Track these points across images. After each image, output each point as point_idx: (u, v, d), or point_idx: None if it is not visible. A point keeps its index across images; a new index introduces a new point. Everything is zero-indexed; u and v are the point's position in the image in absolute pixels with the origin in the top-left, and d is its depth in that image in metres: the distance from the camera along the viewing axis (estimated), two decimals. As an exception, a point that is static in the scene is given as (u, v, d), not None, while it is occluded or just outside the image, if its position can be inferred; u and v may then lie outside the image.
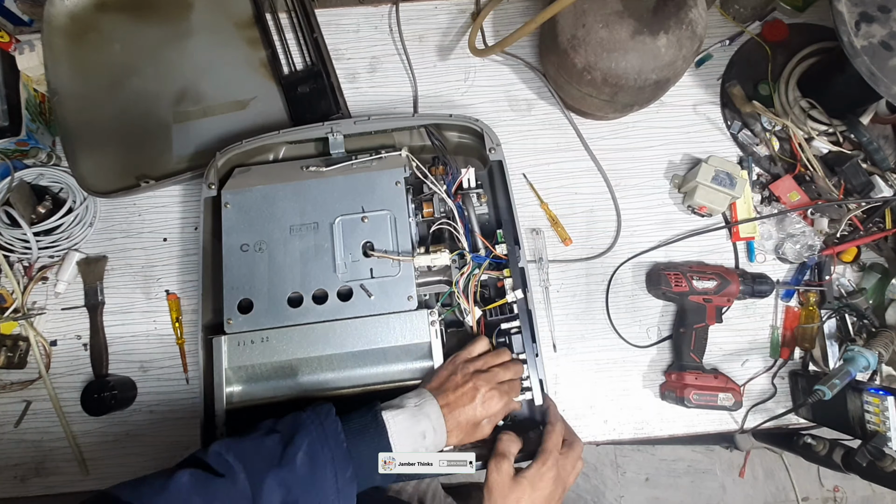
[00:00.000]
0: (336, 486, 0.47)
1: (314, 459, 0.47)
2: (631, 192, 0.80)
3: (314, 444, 0.48)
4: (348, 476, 0.48)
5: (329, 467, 0.47)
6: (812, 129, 0.77)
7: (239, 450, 0.47)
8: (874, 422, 0.64)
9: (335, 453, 0.48)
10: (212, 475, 0.45)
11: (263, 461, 0.46)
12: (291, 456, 0.47)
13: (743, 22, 0.85)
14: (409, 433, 0.51)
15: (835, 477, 1.50)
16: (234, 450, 0.47)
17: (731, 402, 0.70)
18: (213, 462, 0.46)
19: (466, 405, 0.54)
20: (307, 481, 0.46)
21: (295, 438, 0.48)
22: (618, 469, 1.54)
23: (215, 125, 0.79)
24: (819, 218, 0.76)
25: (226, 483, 0.44)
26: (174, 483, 0.43)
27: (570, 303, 0.77)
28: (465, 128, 0.72)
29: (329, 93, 0.79)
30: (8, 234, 0.74)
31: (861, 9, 0.64)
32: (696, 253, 0.79)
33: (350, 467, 0.48)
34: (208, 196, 0.68)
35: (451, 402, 0.54)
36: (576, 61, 0.69)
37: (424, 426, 0.52)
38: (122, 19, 0.82)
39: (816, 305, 0.75)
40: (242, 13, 0.83)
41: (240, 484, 0.45)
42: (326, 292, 0.62)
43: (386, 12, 0.87)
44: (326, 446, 0.48)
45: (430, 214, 0.67)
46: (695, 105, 0.83)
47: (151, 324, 0.76)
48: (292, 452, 0.47)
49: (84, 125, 0.78)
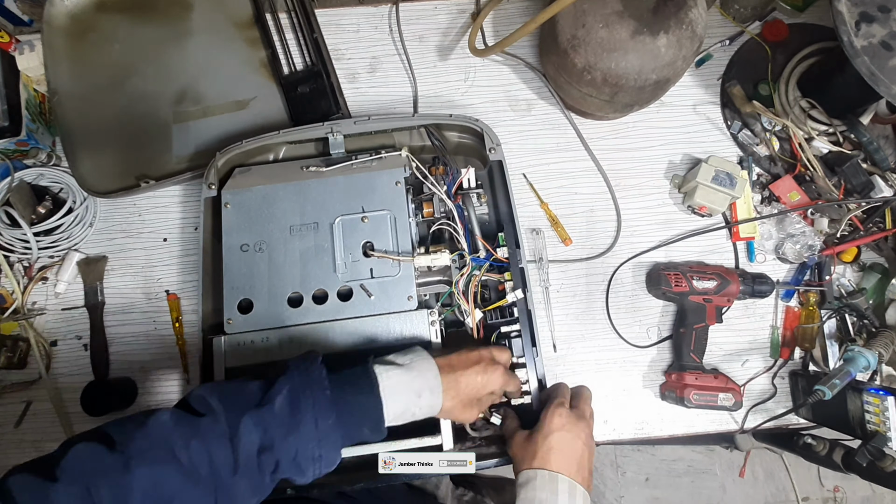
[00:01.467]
0: (316, 432, 0.46)
1: (294, 404, 0.46)
2: (631, 192, 0.80)
3: (295, 388, 0.47)
4: (330, 423, 0.47)
5: (309, 413, 0.46)
6: (812, 129, 0.77)
7: (222, 392, 0.47)
8: (874, 422, 0.64)
9: (317, 399, 0.47)
10: (192, 415, 0.45)
11: (243, 403, 0.46)
12: (271, 398, 0.46)
13: (743, 22, 0.85)
14: (403, 390, 0.50)
15: (835, 477, 1.50)
16: (217, 392, 0.47)
17: (731, 403, 0.70)
18: (194, 403, 0.46)
19: (469, 369, 0.53)
20: (285, 424, 0.46)
21: (276, 382, 0.47)
22: (618, 469, 1.54)
23: (215, 125, 0.79)
24: (819, 218, 0.76)
25: (206, 421, 0.44)
26: (154, 419, 0.43)
27: (570, 303, 0.77)
28: (465, 128, 0.72)
29: (329, 93, 0.79)
30: (8, 234, 0.74)
31: (861, 9, 0.64)
32: (696, 253, 0.79)
33: (333, 415, 0.47)
34: (208, 196, 0.68)
35: (455, 363, 0.53)
36: (576, 61, 0.69)
37: (419, 385, 0.51)
38: (122, 19, 0.82)
39: (816, 305, 0.75)
40: (242, 13, 0.83)
41: (219, 423, 0.44)
42: (326, 292, 0.62)
43: (386, 12, 0.87)
44: (308, 391, 0.47)
45: (430, 214, 0.67)
46: (695, 105, 0.83)
47: (151, 324, 0.76)
48: (272, 395, 0.46)
49: (84, 125, 0.78)
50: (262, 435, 0.45)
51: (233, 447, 0.44)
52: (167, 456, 0.42)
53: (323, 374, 0.49)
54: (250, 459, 0.44)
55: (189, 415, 0.45)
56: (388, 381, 0.50)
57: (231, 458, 0.44)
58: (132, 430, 0.43)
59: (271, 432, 0.45)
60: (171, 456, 0.42)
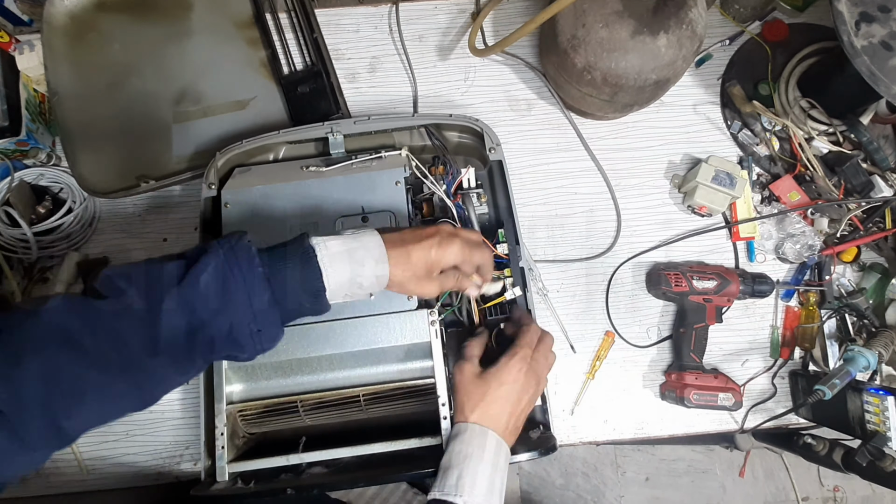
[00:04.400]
0: (251, 309, 0.43)
1: (220, 280, 0.42)
2: (631, 192, 0.80)
3: (221, 265, 0.43)
4: (266, 299, 0.44)
5: (241, 289, 0.43)
6: (812, 128, 0.77)
7: (133, 273, 0.42)
8: (874, 422, 0.64)
9: (247, 275, 0.43)
10: (93, 298, 0.41)
11: (160, 282, 0.42)
12: (194, 276, 0.42)
13: (743, 22, 0.85)
14: (343, 258, 0.47)
15: (835, 477, 1.50)
16: (127, 273, 0.42)
17: (731, 402, 0.70)
18: (100, 286, 0.41)
19: (420, 241, 0.50)
20: (213, 302, 0.42)
21: (200, 260, 0.43)
22: (618, 469, 1.54)
23: (215, 125, 0.79)
24: (819, 218, 0.76)
25: (111, 304, 0.40)
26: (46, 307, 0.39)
27: (570, 303, 0.77)
28: (465, 128, 0.72)
29: (329, 93, 0.79)
30: (8, 235, 0.74)
31: (861, 9, 0.64)
32: (696, 253, 0.79)
33: (268, 291, 0.44)
34: (208, 196, 0.68)
35: (405, 237, 0.50)
36: (576, 61, 0.69)
37: (362, 255, 0.47)
38: (122, 19, 0.82)
39: (816, 305, 0.75)
40: (242, 13, 0.83)
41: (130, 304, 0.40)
42: (326, 292, 0.62)
43: (386, 12, 0.87)
44: (237, 267, 0.43)
45: (429, 214, 0.67)
46: (695, 105, 0.83)
47: (151, 324, 0.76)
48: (195, 273, 0.42)
49: (84, 125, 0.78)
50: (189, 315, 0.41)
51: (151, 326, 0.40)
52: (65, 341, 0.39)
53: (252, 250, 0.45)
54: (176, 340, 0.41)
55: (89, 299, 0.41)
56: (327, 250, 0.46)
57: (149, 338, 0.41)
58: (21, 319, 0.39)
59: (199, 312, 0.42)
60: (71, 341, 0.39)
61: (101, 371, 0.39)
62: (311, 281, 0.46)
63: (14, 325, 0.39)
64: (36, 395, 0.37)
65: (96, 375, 0.39)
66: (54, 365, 0.38)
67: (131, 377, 0.41)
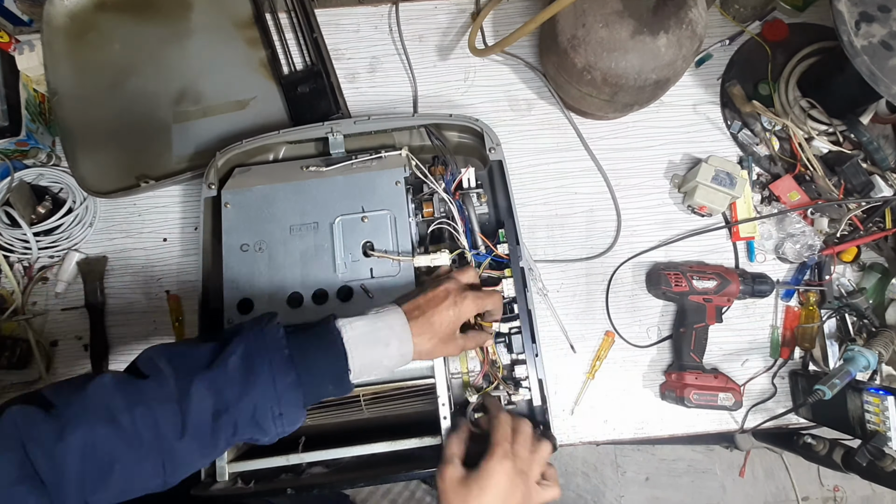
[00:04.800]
0: (275, 392, 0.44)
1: (249, 363, 0.44)
2: (631, 192, 0.80)
3: (250, 348, 0.45)
4: (289, 382, 0.45)
5: (266, 372, 0.44)
6: (812, 128, 0.77)
7: (171, 354, 0.45)
8: (874, 422, 0.64)
9: (273, 358, 0.45)
10: (137, 377, 0.43)
11: (194, 365, 0.44)
12: (223, 360, 0.44)
13: (743, 22, 0.85)
14: (369, 341, 0.48)
15: (835, 477, 1.50)
16: (166, 354, 0.45)
17: (731, 402, 0.70)
18: (142, 365, 0.44)
19: (438, 305, 0.51)
20: (240, 385, 0.44)
21: (230, 343, 0.45)
22: (618, 469, 1.54)
23: (215, 125, 0.79)
24: (819, 218, 0.76)
25: (150, 384, 0.43)
26: (95, 383, 0.42)
27: (570, 303, 0.77)
28: (465, 128, 0.72)
29: (329, 93, 0.79)
30: (8, 235, 0.74)
31: (861, 8, 0.64)
32: (696, 253, 0.79)
33: (292, 373, 0.45)
34: (208, 196, 0.68)
35: (421, 304, 0.51)
36: (576, 61, 0.69)
37: (387, 334, 0.48)
38: (122, 19, 0.82)
39: (816, 305, 0.75)
40: (242, 13, 0.83)
41: (166, 386, 0.43)
42: (326, 292, 0.62)
43: (386, 12, 0.87)
44: (264, 350, 0.45)
45: (430, 214, 0.67)
46: (695, 105, 0.83)
47: (151, 324, 0.76)
48: (225, 356, 0.44)
49: (84, 125, 0.78)
50: (215, 398, 0.43)
51: (181, 410, 0.42)
52: (106, 419, 0.40)
53: (280, 333, 0.46)
54: (202, 423, 0.43)
55: (133, 378, 0.43)
56: (352, 332, 0.48)
57: (178, 422, 0.42)
58: (70, 394, 0.41)
59: (226, 395, 0.43)
60: (111, 419, 0.41)
61: (132, 449, 0.41)
62: (335, 364, 0.47)
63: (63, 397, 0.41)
64: (74, 469, 0.39)
65: (126, 452, 0.41)
66: (92, 440, 0.40)
67: (157, 457, 0.42)
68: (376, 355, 0.48)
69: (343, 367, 0.47)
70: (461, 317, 0.53)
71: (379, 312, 0.50)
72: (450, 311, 0.52)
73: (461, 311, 0.52)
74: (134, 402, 0.42)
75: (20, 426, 0.39)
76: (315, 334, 0.48)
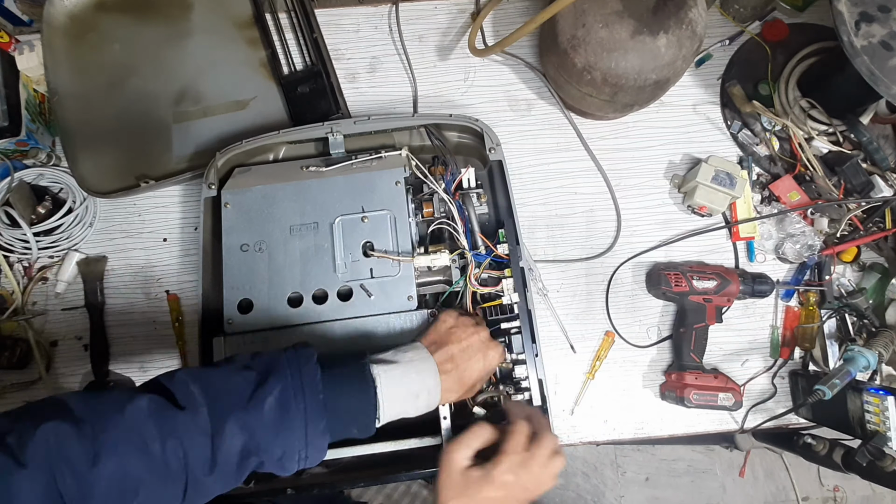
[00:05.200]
0: (305, 438, 0.45)
1: (285, 407, 0.44)
2: (631, 192, 0.80)
3: (287, 390, 0.45)
4: (321, 429, 0.45)
5: (299, 418, 0.44)
6: (812, 128, 0.77)
7: (206, 382, 0.44)
8: (874, 422, 0.64)
9: (309, 404, 0.45)
10: (173, 406, 0.42)
11: (230, 400, 0.44)
12: (260, 399, 0.44)
13: (743, 22, 0.85)
14: (400, 392, 0.48)
15: (835, 477, 1.50)
16: (202, 381, 0.44)
17: (731, 402, 0.70)
18: (177, 391, 0.43)
19: (471, 360, 0.52)
20: (273, 429, 0.44)
21: (268, 381, 0.45)
22: (618, 469, 1.54)
23: (215, 125, 0.79)
24: (819, 218, 0.76)
25: (185, 417, 0.42)
26: (132, 406, 0.41)
27: (570, 303, 0.77)
28: (465, 128, 0.72)
29: (329, 93, 0.79)
30: (8, 235, 0.74)
31: (861, 8, 0.64)
32: (696, 253, 0.79)
33: (324, 420, 0.45)
34: (208, 196, 0.68)
35: (455, 356, 0.51)
36: (576, 61, 0.69)
37: (418, 387, 0.49)
38: (121, 19, 0.82)
39: (816, 305, 0.75)
40: (242, 13, 0.83)
41: (200, 419, 0.42)
42: (326, 292, 0.62)
43: (386, 12, 0.87)
44: (300, 395, 0.45)
45: (430, 214, 0.67)
46: (695, 105, 0.83)
47: (151, 324, 0.76)
48: (262, 396, 0.44)
49: (84, 125, 0.78)
50: (247, 439, 0.43)
51: (213, 446, 0.42)
52: (139, 447, 0.40)
53: (318, 375, 0.46)
54: (230, 460, 0.43)
55: (169, 405, 0.43)
56: (387, 382, 0.48)
57: (209, 458, 0.42)
58: (107, 417, 0.41)
59: (257, 436, 0.43)
60: (143, 447, 0.40)
61: (157, 476, 0.41)
62: (366, 413, 0.47)
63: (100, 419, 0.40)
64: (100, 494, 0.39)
65: (152, 479, 0.40)
66: (124, 467, 0.39)
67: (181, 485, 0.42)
68: (405, 407, 0.49)
69: (372, 417, 0.48)
70: (487, 369, 0.54)
71: (413, 361, 0.50)
72: (480, 363, 0.52)
73: (488, 364, 0.53)
74: (167, 432, 0.41)
75: (52, 446, 0.38)
76: (349, 379, 0.48)
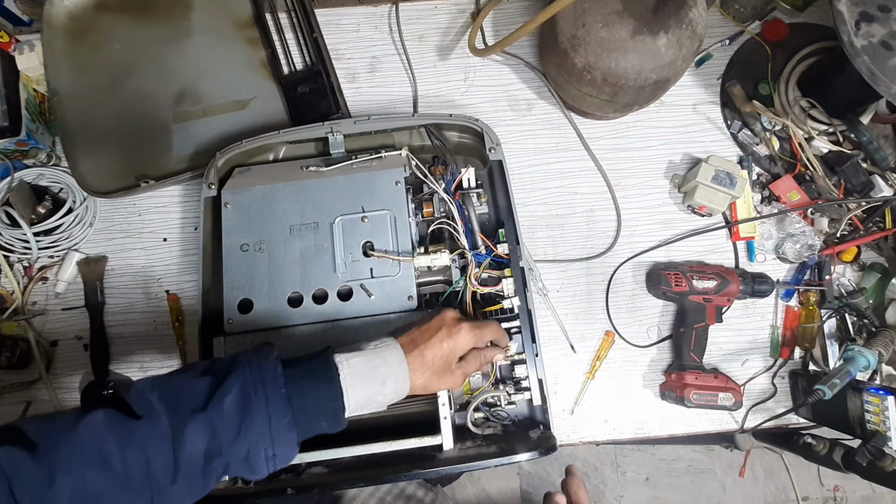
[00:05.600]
0: (270, 434, 0.44)
1: (245, 404, 0.43)
2: (631, 192, 0.80)
3: (247, 386, 0.44)
4: (285, 423, 0.44)
5: (261, 412, 0.43)
6: (812, 128, 0.77)
7: (164, 390, 0.43)
8: (874, 421, 0.64)
9: (270, 397, 0.44)
10: (129, 417, 0.42)
11: (189, 404, 0.43)
12: (220, 399, 0.43)
13: (743, 21, 0.85)
14: (365, 379, 0.47)
15: (835, 476, 1.50)
16: (159, 389, 0.43)
17: (732, 402, 0.70)
18: (133, 402, 0.42)
19: (431, 338, 0.51)
20: (235, 427, 0.43)
21: (227, 379, 0.44)
22: (618, 469, 1.54)
23: (215, 125, 0.79)
24: (819, 218, 0.76)
25: (143, 426, 0.41)
26: (85, 423, 0.40)
27: (570, 303, 0.77)
28: (465, 127, 0.72)
29: (329, 93, 0.79)
30: (8, 234, 0.74)
31: (861, 8, 0.64)
32: (696, 253, 0.79)
33: (288, 414, 0.44)
34: (208, 196, 0.68)
35: (416, 338, 0.51)
36: (576, 61, 0.69)
37: (384, 372, 0.48)
38: (122, 19, 0.82)
39: (816, 305, 0.75)
40: (242, 13, 0.83)
41: (160, 427, 0.41)
42: (326, 292, 0.62)
43: (386, 12, 0.87)
44: (261, 389, 0.44)
45: (430, 214, 0.67)
46: (695, 105, 0.83)
47: (151, 324, 0.76)
48: (221, 395, 0.43)
49: (84, 125, 0.78)
50: (209, 440, 0.42)
51: (174, 452, 0.41)
52: (96, 461, 0.39)
53: (278, 369, 0.46)
54: (194, 465, 0.42)
55: (126, 417, 0.42)
56: (350, 369, 0.47)
57: (171, 464, 0.41)
58: (58, 434, 0.40)
59: (220, 437, 0.42)
60: (102, 461, 0.39)
61: (121, 489, 0.40)
62: (332, 402, 0.46)
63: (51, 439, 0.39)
64: None
65: (116, 493, 0.40)
66: (83, 484, 0.39)
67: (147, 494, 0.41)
68: (372, 393, 0.48)
69: (339, 406, 0.47)
70: (456, 350, 0.52)
71: (377, 347, 0.50)
72: (443, 343, 0.51)
73: (456, 343, 0.52)
74: (126, 443, 0.40)
75: (6, 469, 0.37)
76: (312, 371, 0.47)
